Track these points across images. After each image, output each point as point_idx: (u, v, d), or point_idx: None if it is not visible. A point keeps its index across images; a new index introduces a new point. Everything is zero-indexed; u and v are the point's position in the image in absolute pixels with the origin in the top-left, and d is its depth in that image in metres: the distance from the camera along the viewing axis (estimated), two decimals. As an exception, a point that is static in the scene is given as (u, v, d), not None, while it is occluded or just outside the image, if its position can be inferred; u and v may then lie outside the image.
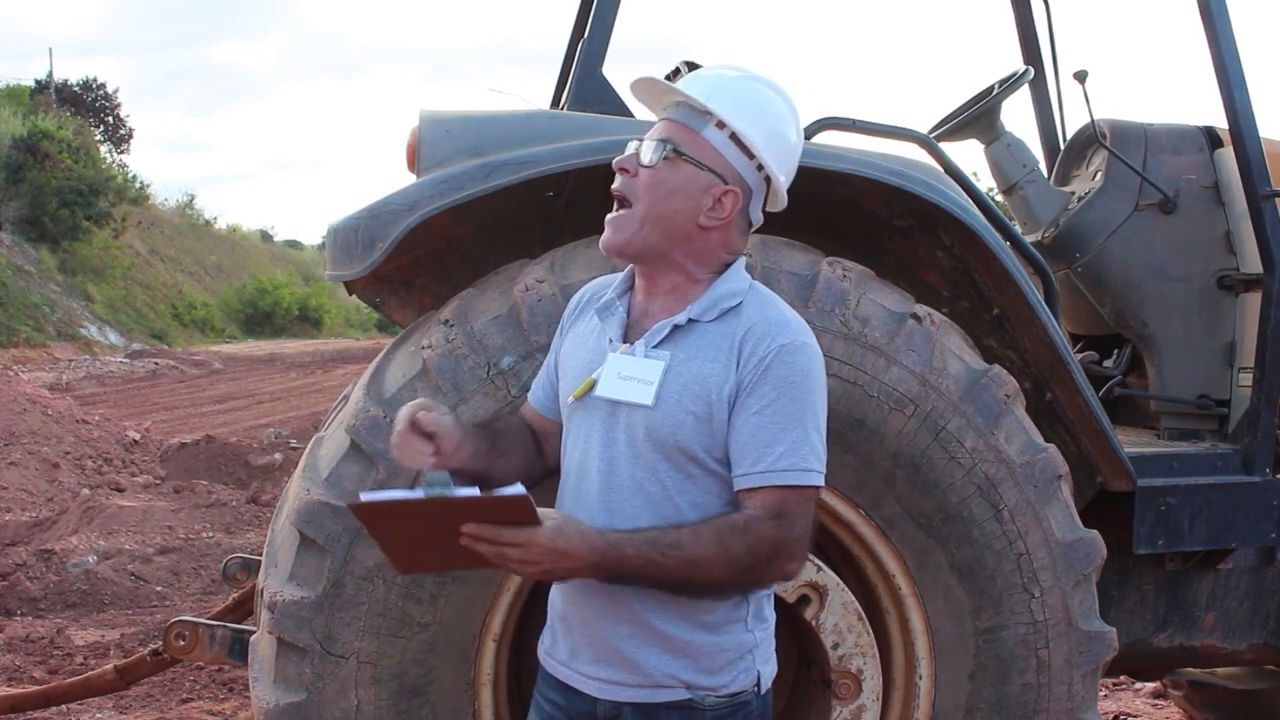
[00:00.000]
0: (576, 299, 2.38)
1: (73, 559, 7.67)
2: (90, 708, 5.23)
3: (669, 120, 2.19)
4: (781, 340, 2.10)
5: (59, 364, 25.04)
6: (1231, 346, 3.74)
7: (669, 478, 2.13)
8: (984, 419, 2.82)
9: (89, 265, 33.99)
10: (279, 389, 21.58)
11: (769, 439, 2.07)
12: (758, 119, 2.18)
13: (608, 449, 2.17)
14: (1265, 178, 3.51)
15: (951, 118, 4.10)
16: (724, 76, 2.22)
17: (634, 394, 2.13)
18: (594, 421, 2.19)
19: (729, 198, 2.16)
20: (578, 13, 4.00)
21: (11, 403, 12.10)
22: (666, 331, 2.16)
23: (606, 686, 2.20)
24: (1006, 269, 2.98)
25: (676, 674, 2.16)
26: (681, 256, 2.17)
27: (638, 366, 2.15)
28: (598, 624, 2.18)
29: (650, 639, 2.16)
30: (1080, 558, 2.89)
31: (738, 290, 2.18)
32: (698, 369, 2.12)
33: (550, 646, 2.29)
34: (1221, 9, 3.52)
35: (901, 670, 2.91)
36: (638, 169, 2.16)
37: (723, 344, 2.13)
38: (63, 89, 42.05)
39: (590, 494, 2.19)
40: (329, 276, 2.97)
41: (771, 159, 2.19)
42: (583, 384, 2.20)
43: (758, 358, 2.09)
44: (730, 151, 2.16)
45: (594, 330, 2.28)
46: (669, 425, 2.11)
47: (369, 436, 2.69)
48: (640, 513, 2.13)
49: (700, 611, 2.16)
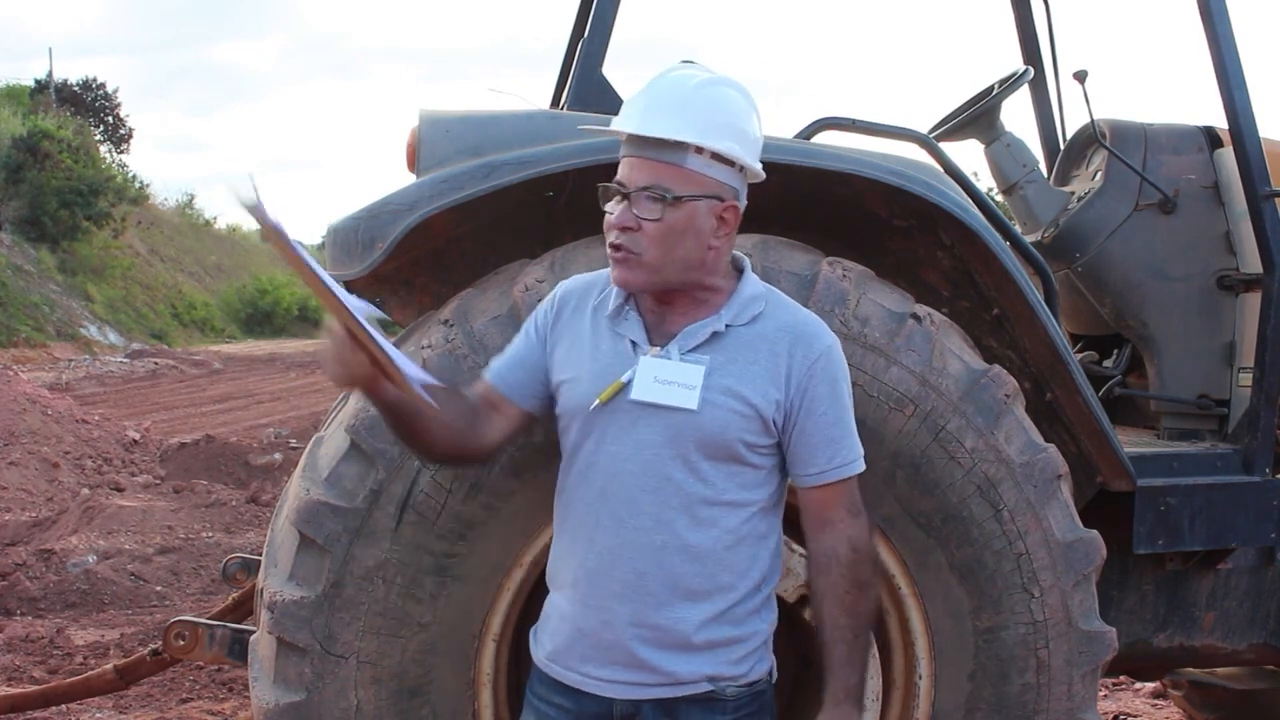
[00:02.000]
0: (560, 299, 2.36)
1: (73, 559, 7.67)
2: (90, 708, 5.23)
3: (645, 160, 2.15)
4: (825, 342, 2.24)
5: (59, 364, 25.04)
6: (1231, 346, 3.74)
7: (713, 477, 2.19)
8: (984, 419, 2.82)
9: (89, 265, 33.99)
10: (279, 389, 21.57)
11: (836, 436, 2.24)
12: (727, 127, 2.17)
13: (639, 452, 2.19)
14: (1265, 178, 3.51)
15: (951, 118, 4.10)
16: (679, 92, 2.17)
17: (676, 398, 2.17)
18: (621, 425, 2.21)
19: (729, 212, 2.20)
20: (578, 13, 4.00)
21: (11, 403, 12.10)
22: (705, 336, 2.21)
23: (624, 688, 2.22)
24: (1006, 269, 2.98)
25: (700, 670, 2.20)
26: (700, 276, 2.22)
27: (676, 371, 2.19)
28: (619, 628, 2.20)
29: (673, 642, 2.19)
30: (1080, 558, 2.89)
31: (759, 294, 2.26)
32: (740, 371, 2.19)
33: (553, 651, 2.29)
34: (1221, 9, 3.52)
35: (901, 670, 2.91)
36: (640, 224, 2.15)
37: (761, 346, 2.21)
38: (63, 89, 42.05)
39: (620, 499, 2.20)
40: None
41: (749, 157, 2.21)
42: (610, 388, 2.21)
43: (810, 361, 2.21)
44: (716, 170, 2.17)
45: (598, 333, 2.27)
46: (716, 426, 2.17)
47: (369, 436, 2.69)
48: (677, 515, 2.18)
49: (727, 613, 2.21)
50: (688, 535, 2.18)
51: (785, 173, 2.92)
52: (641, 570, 2.18)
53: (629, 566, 2.19)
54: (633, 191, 2.15)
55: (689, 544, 2.18)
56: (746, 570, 2.23)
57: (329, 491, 2.70)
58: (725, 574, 2.21)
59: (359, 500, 2.67)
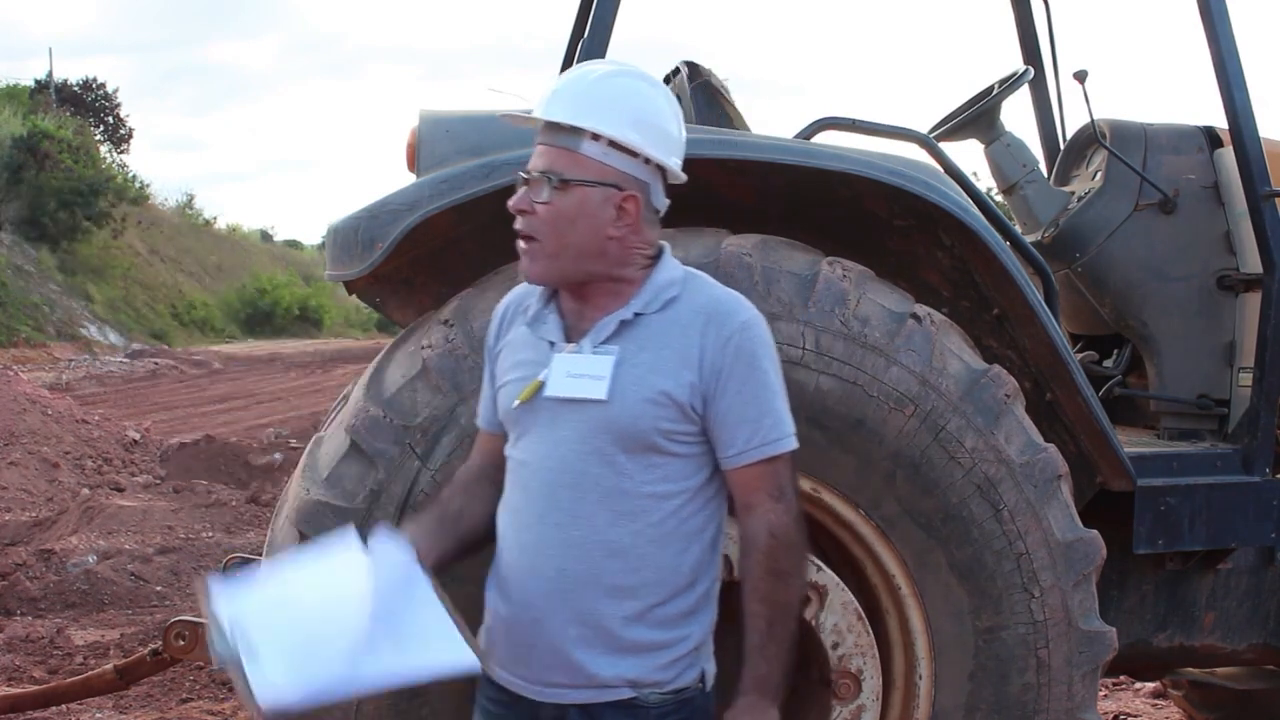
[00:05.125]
0: (499, 317, 2.39)
1: (73, 559, 7.67)
2: (90, 708, 5.23)
3: (546, 147, 2.19)
4: (741, 317, 2.18)
5: (59, 364, 25.05)
6: (1231, 346, 3.74)
7: (630, 469, 2.16)
8: (984, 419, 2.82)
9: (89, 265, 34.01)
10: (279, 389, 21.58)
11: (754, 416, 2.17)
12: (627, 116, 2.17)
13: (556, 448, 2.19)
14: (1265, 178, 3.51)
15: (951, 118, 4.10)
16: (582, 83, 2.21)
17: (586, 390, 2.16)
18: (541, 423, 2.21)
19: (630, 202, 2.18)
20: (578, 13, 4.01)
21: (11, 403, 12.10)
22: (614, 327, 2.19)
23: (551, 690, 2.20)
24: (1006, 269, 2.98)
25: (623, 674, 2.17)
26: (604, 267, 2.20)
27: (586, 364, 2.18)
28: (545, 627, 2.19)
29: (599, 641, 2.17)
30: (1080, 558, 2.89)
31: (675, 279, 2.22)
32: (651, 358, 2.16)
33: (489, 652, 2.28)
34: (1221, 9, 3.52)
35: (901, 670, 2.91)
36: (534, 206, 2.17)
37: (674, 330, 2.17)
38: (62, 89, 42.06)
39: (540, 495, 2.20)
40: (329, 276, 2.97)
41: (654, 149, 2.19)
42: (528, 388, 2.22)
43: (724, 338, 2.16)
44: (614, 158, 2.16)
45: (527, 340, 2.29)
46: (628, 416, 2.14)
47: (369, 436, 2.69)
48: (597, 510, 2.16)
49: (654, 612, 2.18)
50: (608, 530, 2.15)
51: (785, 173, 2.93)
52: (562, 567, 2.17)
53: (551, 564, 2.17)
54: (530, 176, 2.19)
55: (609, 539, 2.15)
56: (675, 566, 2.18)
57: (329, 491, 2.70)
58: (650, 570, 2.16)
59: (359, 500, 2.67)
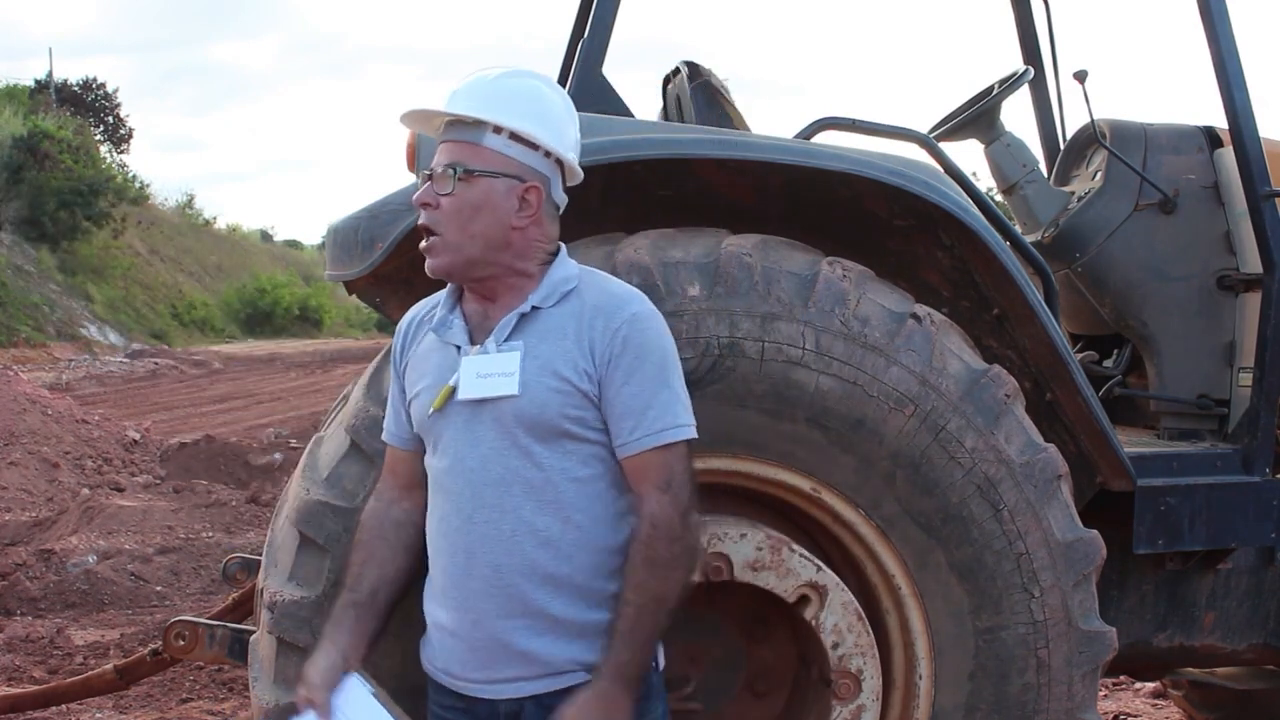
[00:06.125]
0: (405, 326, 2.44)
1: (73, 559, 7.67)
2: (90, 708, 5.24)
3: (448, 142, 2.26)
4: (629, 310, 2.24)
5: (59, 364, 25.06)
6: (1231, 346, 3.74)
7: (547, 458, 2.21)
8: (984, 419, 2.82)
9: (89, 265, 34.01)
10: (279, 389, 21.59)
11: (641, 405, 2.21)
12: (527, 110, 2.26)
13: (476, 448, 2.23)
14: (1265, 178, 3.50)
15: (951, 118, 4.10)
16: (481, 82, 2.29)
17: (497, 388, 2.21)
18: (458, 427, 2.25)
19: (532, 193, 2.25)
20: (578, 13, 4.00)
21: (11, 403, 12.10)
22: (514, 323, 2.24)
23: (504, 686, 2.23)
24: (1006, 269, 2.98)
25: (575, 657, 2.21)
26: (509, 259, 2.25)
27: (494, 362, 2.23)
28: (489, 624, 2.22)
29: (545, 627, 2.20)
30: (1080, 558, 2.89)
31: (571, 275, 2.29)
32: (550, 349, 2.22)
33: (434, 658, 2.32)
34: (1221, 9, 3.52)
35: (901, 670, 2.91)
36: (438, 200, 2.23)
37: (569, 323, 2.23)
38: (62, 89, 42.07)
39: (466, 497, 2.23)
40: (329, 276, 2.98)
41: (554, 142, 2.28)
42: (440, 394, 2.26)
43: (612, 330, 2.21)
44: (515, 150, 2.24)
45: (434, 347, 2.33)
46: (537, 406, 2.19)
47: (369, 436, 2.69)
48: (522, 503, 2.20)
49: (595, 590, 2.21)
50: (536, 520, 2.20)
51: (785, 173, 2.93)
52: (497, 563, 2.21)
53: (485, 561, 2.21)
54: (434, 171, 2.24)
55: (538, 529, 2.20)
56: (608, 547, 2.23)
57: (329, 491, 2.70)
58: (583, 554, 2.22)
59: (359, 500, 2.67)
